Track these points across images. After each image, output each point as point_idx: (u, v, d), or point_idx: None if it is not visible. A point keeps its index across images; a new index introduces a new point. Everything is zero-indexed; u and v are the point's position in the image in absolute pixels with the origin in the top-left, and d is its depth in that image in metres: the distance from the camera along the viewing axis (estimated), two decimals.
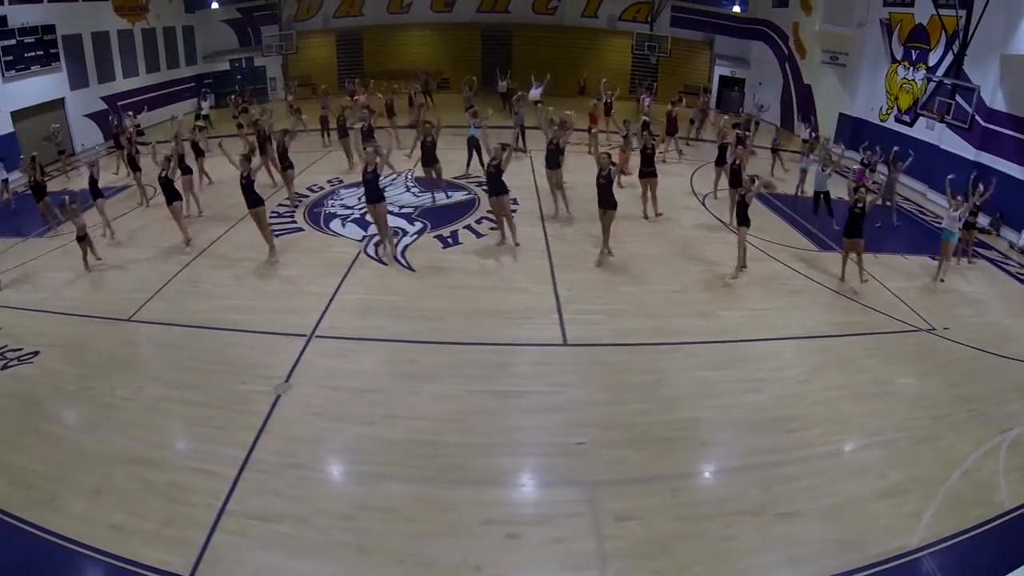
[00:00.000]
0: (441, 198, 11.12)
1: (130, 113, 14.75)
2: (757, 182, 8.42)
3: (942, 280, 8.71)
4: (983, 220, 11.04)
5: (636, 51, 20.83)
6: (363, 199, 9.53)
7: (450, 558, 4.37)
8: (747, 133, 12.04)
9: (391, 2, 22.08)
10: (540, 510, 4.77)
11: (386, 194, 11.01)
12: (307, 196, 11.47)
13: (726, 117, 15.31)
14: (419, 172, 12.75)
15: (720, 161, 11.07)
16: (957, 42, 11.55)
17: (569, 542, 4.47)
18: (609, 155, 8.37)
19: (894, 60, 13.99)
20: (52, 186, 11.54)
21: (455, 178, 12.19)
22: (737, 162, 9.63)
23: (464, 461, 5.25)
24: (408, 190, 11.77)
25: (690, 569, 4.26)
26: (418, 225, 10.09)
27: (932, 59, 12.74)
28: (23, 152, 12.94)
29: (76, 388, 6.21)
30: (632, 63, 21.72)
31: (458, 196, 11.39)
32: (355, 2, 21.84)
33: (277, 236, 9.65)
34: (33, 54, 13.77)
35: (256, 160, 9.17)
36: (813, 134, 14.07)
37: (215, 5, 19.59)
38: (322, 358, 6.63)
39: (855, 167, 12.15)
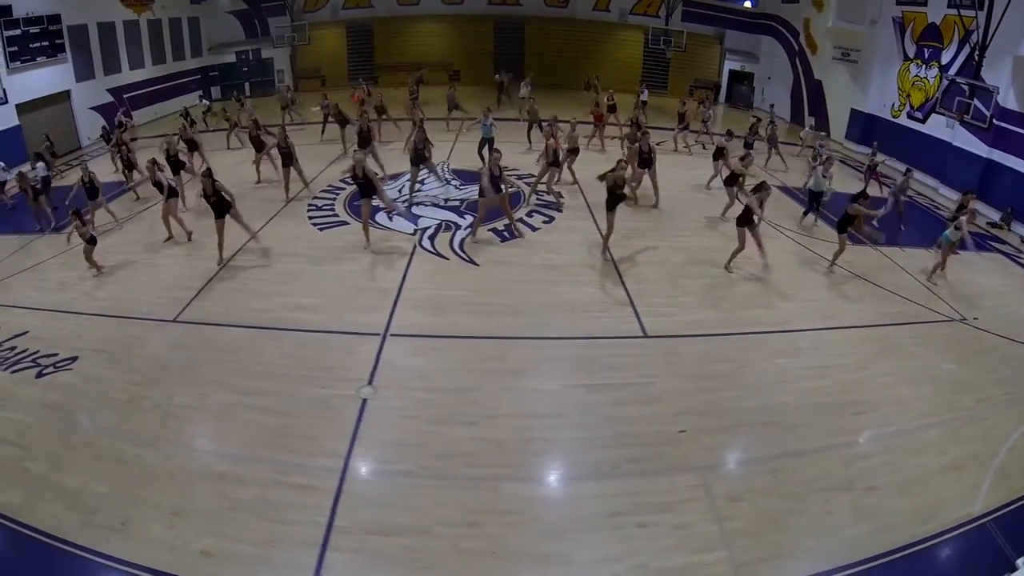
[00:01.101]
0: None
1: (125, 120, 14.38)
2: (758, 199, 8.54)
3: (934, 278, 9.13)
4: (994, 215, 11.74)
5: (651, 45, 21.06)
6: (402, 192, 11.20)
7: (586, 554, 4.39)
8: (753, 138, 13.22)
9: None
10: (661, 498, 4.86)
11: (428, 189, 11.51)
12: (343, 188, 11.41)
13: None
14: (455, 164, 13.01)
15: (716, 156, 11.92)
16: (970, 42, 12.08)
17: (693, 526, 4.65)
18: (621, 163, 8.63)
19: (906, 58, 14.52)
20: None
21: None
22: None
23: (577, 456, 5.33)
24: (448, 182, 11.94)
25: (803, 542, 4.65)
26: (469, 218, 10.25)
27: (945, 58, 13.31)
28: (28, 146, 12.77)
29: (128, 397, 5.69)
30: (644, 57, 21.98)
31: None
32: None
33: (320, 230, 9.76)
34: (38, 45, 13.44)
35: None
36: (811, 130, 14.80)
37: None
38: (402, 358, 6.42)
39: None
